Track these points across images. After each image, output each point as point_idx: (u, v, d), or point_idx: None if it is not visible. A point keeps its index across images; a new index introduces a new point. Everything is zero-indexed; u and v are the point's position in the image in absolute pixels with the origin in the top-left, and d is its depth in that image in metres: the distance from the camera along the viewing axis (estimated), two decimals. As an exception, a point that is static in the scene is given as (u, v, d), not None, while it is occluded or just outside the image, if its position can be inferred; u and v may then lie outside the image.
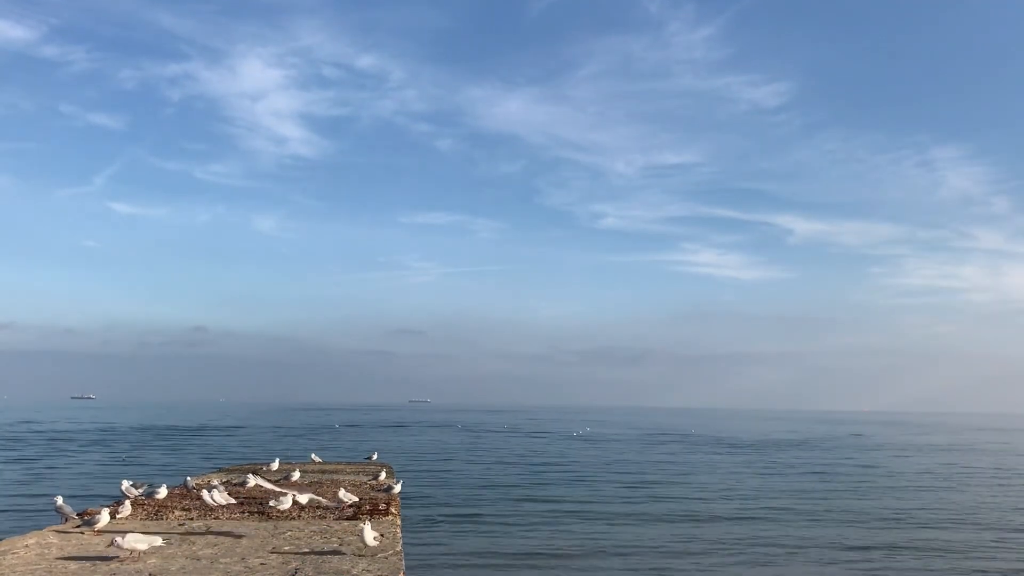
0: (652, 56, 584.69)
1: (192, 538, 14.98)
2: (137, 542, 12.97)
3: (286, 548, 14.12)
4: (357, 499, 19.68)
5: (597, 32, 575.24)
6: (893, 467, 70.60)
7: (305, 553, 13.68)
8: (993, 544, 31.57)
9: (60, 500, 16.72)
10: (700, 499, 43.81)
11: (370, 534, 13.78)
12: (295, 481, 24.91)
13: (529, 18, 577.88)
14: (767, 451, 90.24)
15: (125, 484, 19.96)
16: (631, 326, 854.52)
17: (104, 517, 15.32)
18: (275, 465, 29.31)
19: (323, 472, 29.15)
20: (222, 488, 19.85)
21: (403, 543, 14.93)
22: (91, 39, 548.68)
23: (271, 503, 18.27)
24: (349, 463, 35.43)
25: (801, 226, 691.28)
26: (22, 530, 17.32)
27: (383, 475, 26.55)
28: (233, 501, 19.13)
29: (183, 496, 20.65)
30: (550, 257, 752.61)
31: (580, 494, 45.79)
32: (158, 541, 13.39)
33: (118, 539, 12.80)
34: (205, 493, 18.73)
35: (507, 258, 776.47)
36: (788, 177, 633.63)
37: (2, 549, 13.63)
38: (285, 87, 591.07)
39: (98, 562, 12.58)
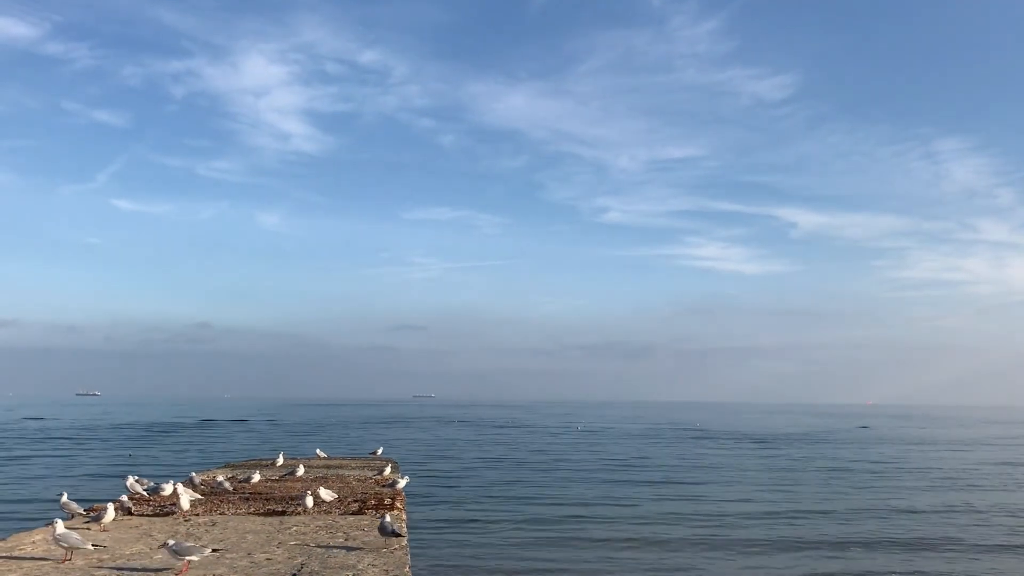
0: (655, 50, 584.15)
1: (198, 534, 15.00)
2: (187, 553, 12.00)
3: (292, 543, 14.14)
4: (336, 496, 19.46)
5: (600, 26, 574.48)
6: (920, 464, 70.39)
7: (311, 548, 13.70)
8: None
9: (66, 496, 16.76)
10: (732, 505, 39.07)
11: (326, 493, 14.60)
12: (300, 476, 24.95)
13: (531, 13, 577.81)
14: (785, 446, 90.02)
15: (130, 480, 19.99)
16: (634, 320, 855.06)
17: (110, 513, 15.35)
18: (280, 460, 29.36)
19: (328, 467, 29.16)
20: (188, 485, 19.99)
21: (408, 538, 14.95)
22: (94, 36, 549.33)
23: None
24: (354, 458, 35.48)
25: (805, 219, 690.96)
26: (28, 526, 17.37)
27: (388, 470, 26.57)
28: (200, 497, 19.17)
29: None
30: (553, 252, 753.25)
31: (588, 494, 45.79)
32: (207, 552, 12.31)
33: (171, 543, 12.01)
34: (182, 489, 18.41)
35: (510, 253, 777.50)
36: (792, 170, 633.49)
37: (9, 545, 13.67)
38: (288, 83, 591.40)
39: (104, 557, 12.61)
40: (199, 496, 19.28)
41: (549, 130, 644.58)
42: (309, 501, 17.94)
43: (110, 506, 15.74)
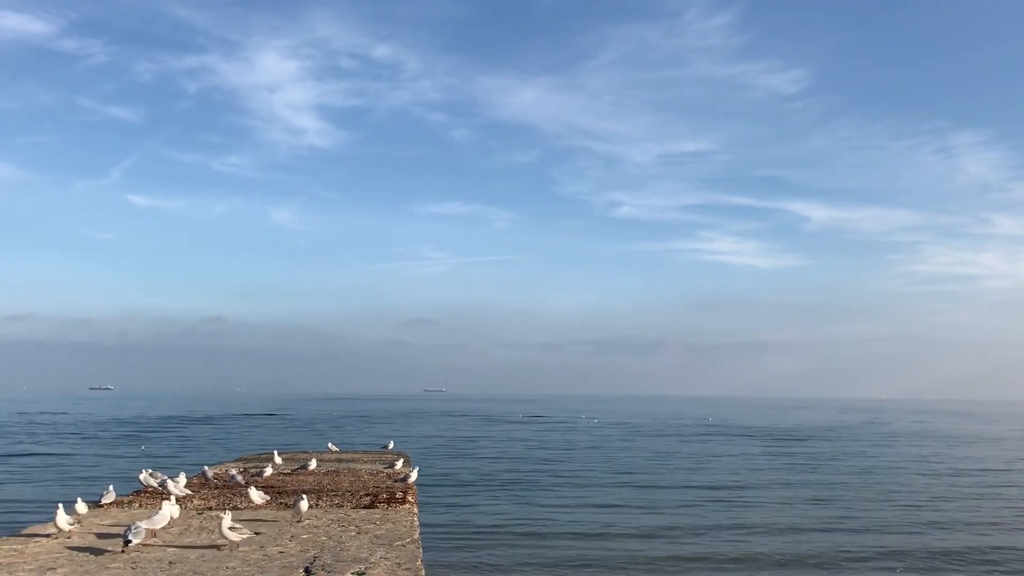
0: (668, 44, 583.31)
1: (210, 526, 15.03)
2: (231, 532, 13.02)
3: (304, 536, 14.17)
4: (268, 498, 18.00)
5: (612, 20, 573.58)
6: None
7: (323, 540, 13.72)
8: None
9: (80, 501, 16.17)
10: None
11: (227, 524, 13.02)
12: (312, 470, 25.00)
13: (543, 7, 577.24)
14: (814, 444, 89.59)
15: (143, 474, 20.05)
16: (646, 315, 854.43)
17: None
18: (277, 459, 27.96)
19: (340, 461, 29.22)
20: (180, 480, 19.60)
21: (421, 531, 14.95)
22: (108, 32, 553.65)
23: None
24: (366, 452, 35.54)
25: (818, 213, 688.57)
26: (42, 519, 17.44)
27: (399, 464, 26.60)
28: (189, 492, 18.99)
29: (201, 486, 20.81)
30: (565, 246, 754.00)
31: (605, 495, 45.69)
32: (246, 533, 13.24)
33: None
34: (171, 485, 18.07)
35: (522, 248, 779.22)
36: (805, 164, 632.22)
37: (24, 537, 13.75)
38: (301, 78, 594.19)
39: (117, 552, 12.65)
40: (188, 492, 18.94)
41: (561, 124, 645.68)
42: (303, 505, 16.30)
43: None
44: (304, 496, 16.86)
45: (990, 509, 37.13)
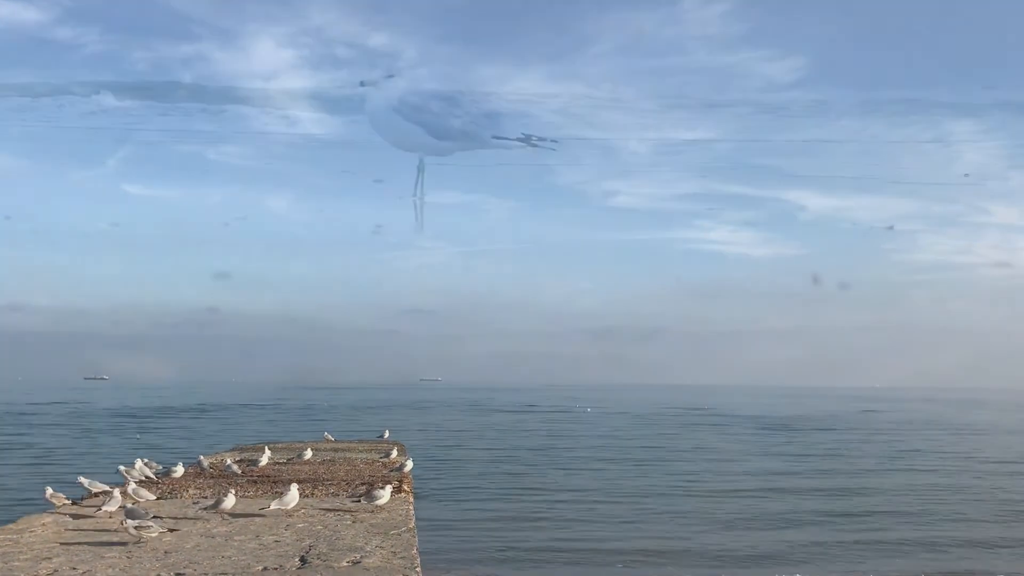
0: (666, 32, 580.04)
1: (206, 516, 15.06)
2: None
3: (300, 525, 14.20)
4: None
5: (609, 8, 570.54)
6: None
7: (319, 530, 13.75)
8: None
9: (50, 491, 16.08)
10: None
11: (131, 523, 12.58)
12: (308, 460, 25.04)
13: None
14: (822, 435, 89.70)
15: (139, 464, 20.03)
16: (642, 304, 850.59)
17: (118, 497, 15.35)
18: (266, 452, 27.41)
19: (335, 451, 29.27)
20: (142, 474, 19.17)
21: (416, 520, 15.00)
22: (103, 21, 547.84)
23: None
24: (361, 441, 35.57)
25: (814, 202, 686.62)
26: (36, 510, 17.44)
27: (395, 453, 26.68)
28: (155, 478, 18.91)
29: (197, 475, 20.86)
30: (562, 235, 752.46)
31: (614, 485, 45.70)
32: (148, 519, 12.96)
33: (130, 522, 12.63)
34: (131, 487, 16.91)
35: (519, 237, 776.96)
36: (801, 152, 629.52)
37: (19, 527, 13.76)
38: (297, 67, 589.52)
39: (115, 543, 12.67)
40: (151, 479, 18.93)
41: (558, 113, 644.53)
42: (385, 495, 16.02)
43: (116, 490, 15.63)
44: (388, 486, 16.64)
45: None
